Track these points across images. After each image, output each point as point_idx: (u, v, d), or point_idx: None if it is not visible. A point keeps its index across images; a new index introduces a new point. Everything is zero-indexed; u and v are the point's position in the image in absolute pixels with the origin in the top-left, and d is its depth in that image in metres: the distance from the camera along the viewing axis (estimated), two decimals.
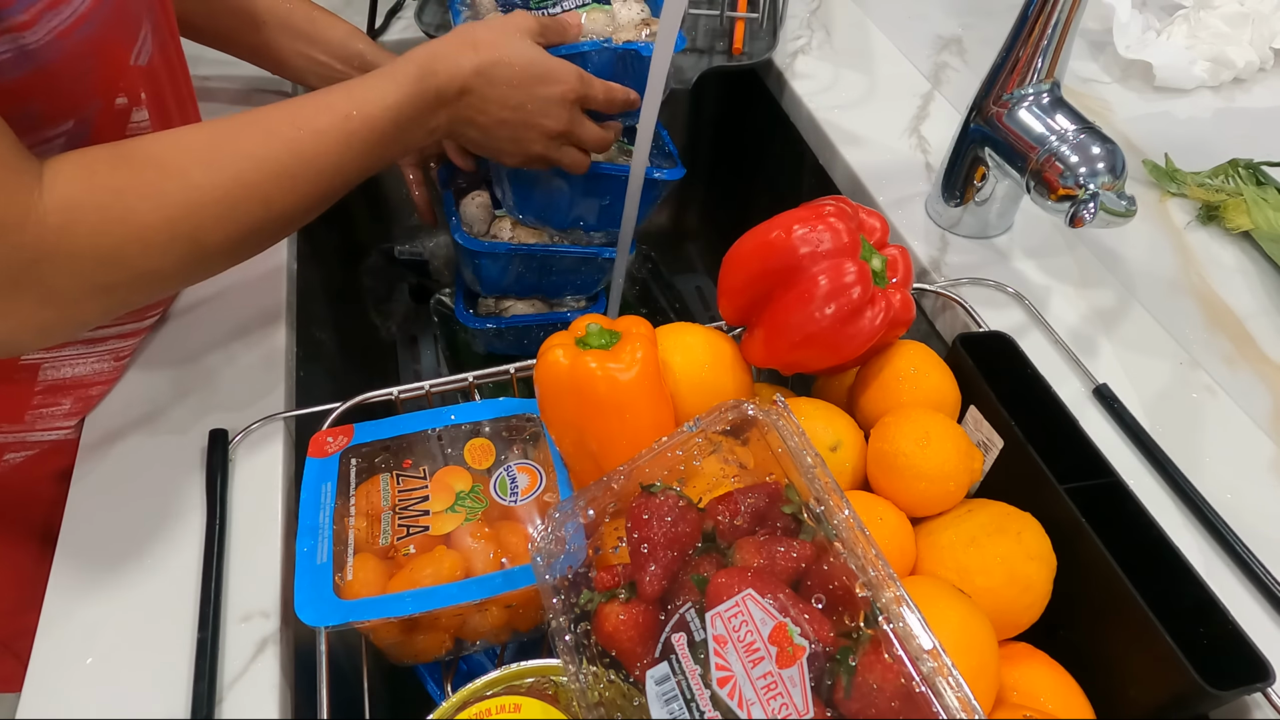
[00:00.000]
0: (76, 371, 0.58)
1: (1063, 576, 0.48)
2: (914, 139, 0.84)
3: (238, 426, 0.58)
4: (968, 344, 0.57)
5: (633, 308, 1.11)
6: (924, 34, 0.99)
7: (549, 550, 0.43)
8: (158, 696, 0.47)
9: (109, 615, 0.50)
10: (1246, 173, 0.78)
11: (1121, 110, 0.89)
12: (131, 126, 0.53)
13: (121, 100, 0.52)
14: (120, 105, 0.52)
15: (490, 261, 0.77)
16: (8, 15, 0.42)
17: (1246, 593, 0.52)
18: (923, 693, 0.34)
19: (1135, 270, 0.72)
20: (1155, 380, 0.63)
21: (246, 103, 0.84)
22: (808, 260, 0.50)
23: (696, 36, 0.95)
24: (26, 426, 0.58)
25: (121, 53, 0.50)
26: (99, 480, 0.56)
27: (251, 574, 0.52)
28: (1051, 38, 0.62)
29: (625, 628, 0.40)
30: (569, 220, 0.77)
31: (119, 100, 0.51)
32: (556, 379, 0.49)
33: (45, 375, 0.57)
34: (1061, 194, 0.61)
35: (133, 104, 0.52)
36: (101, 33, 0.47)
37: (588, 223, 0.78)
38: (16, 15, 0.42)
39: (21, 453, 0.60)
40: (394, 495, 0.53)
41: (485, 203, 0.80)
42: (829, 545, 0.39)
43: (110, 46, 0.49)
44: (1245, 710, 0.47)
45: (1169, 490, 0.56)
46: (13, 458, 0.60)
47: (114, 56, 0.50)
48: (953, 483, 0.51)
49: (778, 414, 0.44)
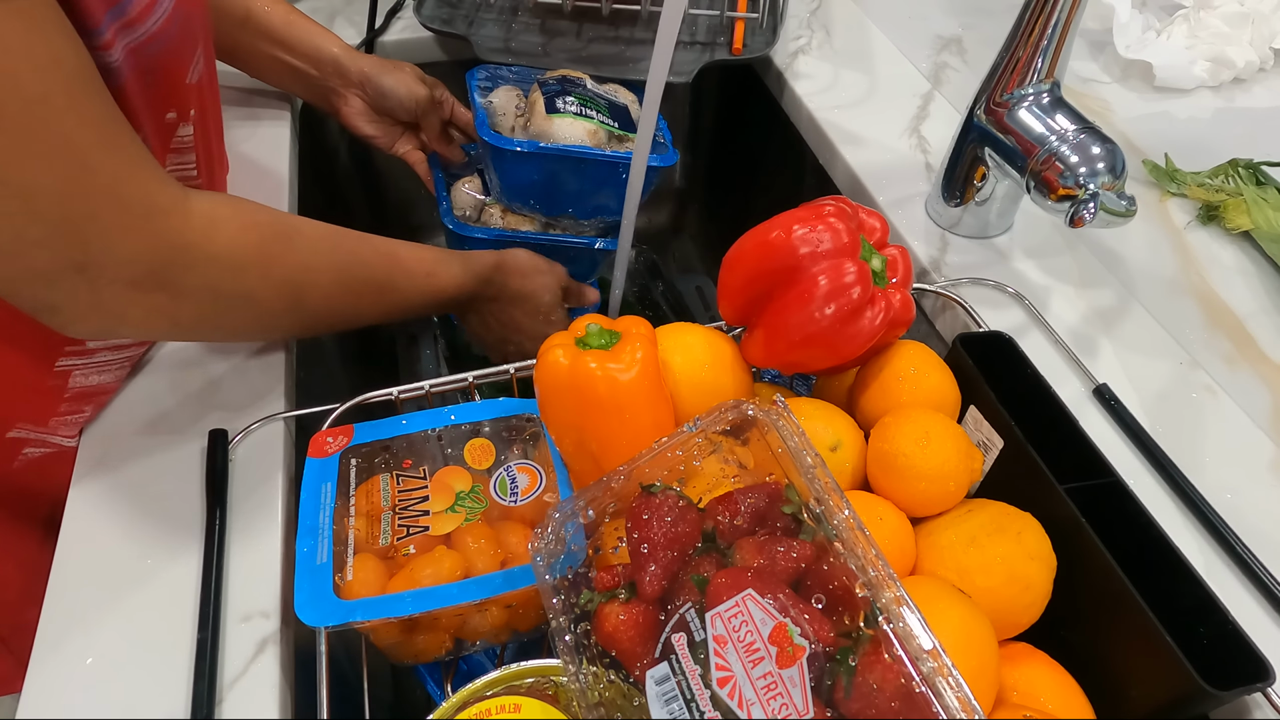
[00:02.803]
0: (102, 379, 0.58)
1: (1063, 576, 0.48)
2: (914, 139, 0.84)
3: (238, 426, 0.58)
4: (968, 344, 0.57)
5: (633, 308, 1.11)
6: (924, 34, 0.99)
7: (549, 550, 0.43)
8: (158, 696, 0.47)
9: (109, 615, 0.50)
10: (1246, 173, 0.78)
11: (1121, 110, 0.89)
12: (175, 141, 0.55)
13: (171, 115, 0.54)
14: (169, 120, 0.54)
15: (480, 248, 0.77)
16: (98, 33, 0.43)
17: (1246, 593, 0.52)
18: (923, 693, 0.34)
19: (1135, 270, 0.72)
20: (1155, 380, 0.63)
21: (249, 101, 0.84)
22: (808, 260, 0.50)
23: (697, 34, 0.95)
24: (49, 430, 0.59)
25: (180, 71, 0.53)
26: (99, 480, 0.56)
27: (251, 574, 0.52)
28: (1051, 38, 0.62)
29: (625, 628, 0.40)
30: (558, 208, 0.78)
31: (169, 115, 0.54)
32: (556, 379, 0.49)
33: (75, 383, 0.57)
34: (1061, 194, 0.61)
35: (180, 119, 0.55)
36: (166, 52, 0.50)
37: (578, 210, 0.78)
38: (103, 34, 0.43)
39: (39, 449, 0.60)
40: (394, 495, 0.53)
41: (477, 188, 0.80)
42: (829, 545, 0.39)
43: (172, 64, 0.52)
44: (1245, 710, 0.47)
45: (1169, 490, 0.56)
46: (31, 452, 0.60)
47: (173, 74, 0.52)
48: (953, 483, 0.51)
49: (778, 414, 0.44)
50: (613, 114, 0.77)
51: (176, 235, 0.47)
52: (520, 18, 0.95)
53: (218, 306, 0.51)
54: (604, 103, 0.78)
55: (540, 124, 0.74)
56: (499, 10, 0.96)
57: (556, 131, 0.74)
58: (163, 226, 0.46)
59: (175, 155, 0.56)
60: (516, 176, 0.75)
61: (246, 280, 0.51)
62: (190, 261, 0.48)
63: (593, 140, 0.74)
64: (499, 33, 0.93)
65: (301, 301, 0.56)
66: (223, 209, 0.50)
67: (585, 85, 0.79)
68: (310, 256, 0.56)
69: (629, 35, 0.94)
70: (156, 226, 0.46)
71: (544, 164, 0.73)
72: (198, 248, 0.48)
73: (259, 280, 0.52)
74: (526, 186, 0.76)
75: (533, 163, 0.73)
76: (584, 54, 0.91)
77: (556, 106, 0.74)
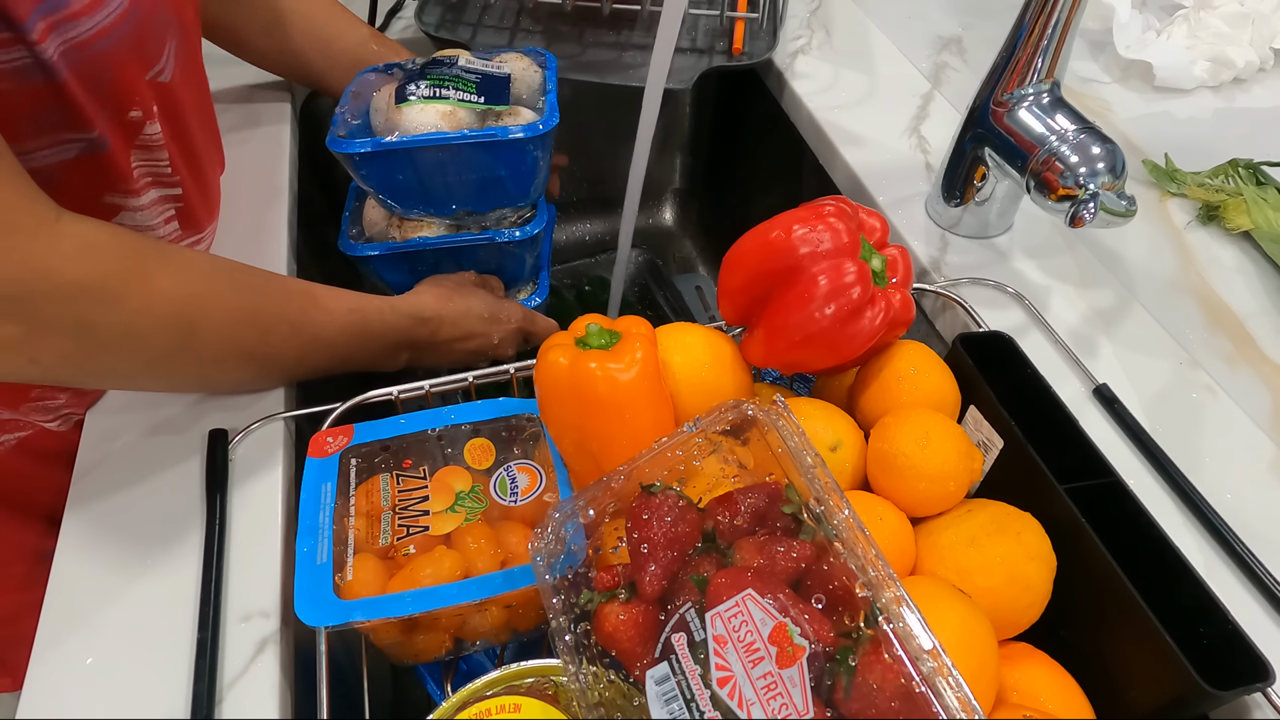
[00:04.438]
0: None
1: (1063, 576, 0.48)
2: (914, 139, 0.83)
3: (238, 426, 0.58)
4: (968, 344, 0.57)
5: (633, 308, 1.11)
6: (924, 34, 0.99)
7: (549, 550, 0.43)
8: (158, 696, 0.47)
9: (109, 615, 0.50)
10: (1246, 173, 0.78)
11: (1121, 110, 0.89)
12: (142, 138, 0.54)
13: (135, 113, 0.53)
14: (134, 118, 0.53)
15: (384, 266, 0.72)
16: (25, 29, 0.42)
17: (1246, 593, 0.52)
18: (923, 693, 0.34)
19: (1135, 270, 0.72)
20: (1155, 380, 0.63)
21: (248, 100, 0.84)
22: (808, 260, 0.50)
23: (697, 36, 0.95)
24: (22, 415, 0.58)
25: (137, 70, 0.51)
26: (99, 480, 0.56)
27: (251, 574, 0.52)
28: (1051, 38, 0.62)
29: (625, 628, 0.40)
30: (445, 206, 0.71)
31: (132, 113, 0.52)
32: (556, 379, 0.49)
33: None
34: (1061, 194, 0.61)
35: (146, 118, 0.54)
36: (118, 49, 0.48)
37: (471, 204, 0.71)
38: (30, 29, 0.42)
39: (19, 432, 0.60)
40: (394, 495, 0.53)
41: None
42: (829, 545, 0.39)
43: (126, 62, 0.50)
44: (1245, 710, 0.47)
45: (1169, 490, 0.56)
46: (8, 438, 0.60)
47: (128, 71, 0.50)
48: (953, 483, 0.51)
49: (778, 414, 0.44)
50: (483, 89, 0.69)
51: (36, 258, 0.42)
52: (522, 23, 0.95)
53: (89, 344, 0.45)
54: (474, 78, 0.69)
55: (392, 117, 0.67)
56: (500, 14, 0.95)
57: (405, 122, 0.66)
58: (19, 246, 0.41)
59: (144, 153, 0.55)
60: (379, 181, 0.68)
61: (122, 312, 0.45)
62: (51, 290, 0.42)
63: (449, 123, 0.66)
64: (500, 40, 0.93)
65: (194, 337, 0.50)
66: (100, 234, 0.45)
67: (456, 63, 0.70)
68: (203, 287, 0.50)
69: (628, 40, 0.94)
70: (12, 245, 0.41)
71: (398, 161, 0.66)
72: (61, 274, 0.42)
73: (139, 313, 0.46)
74: (398, 189, 0.69)
75: (383, 162, 0.65)
76: (583, 59, 0.91)
77: (405, 94, 0.66)
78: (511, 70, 0.73)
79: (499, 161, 0.67)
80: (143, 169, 0.56)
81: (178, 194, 0.59)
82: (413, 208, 0.71)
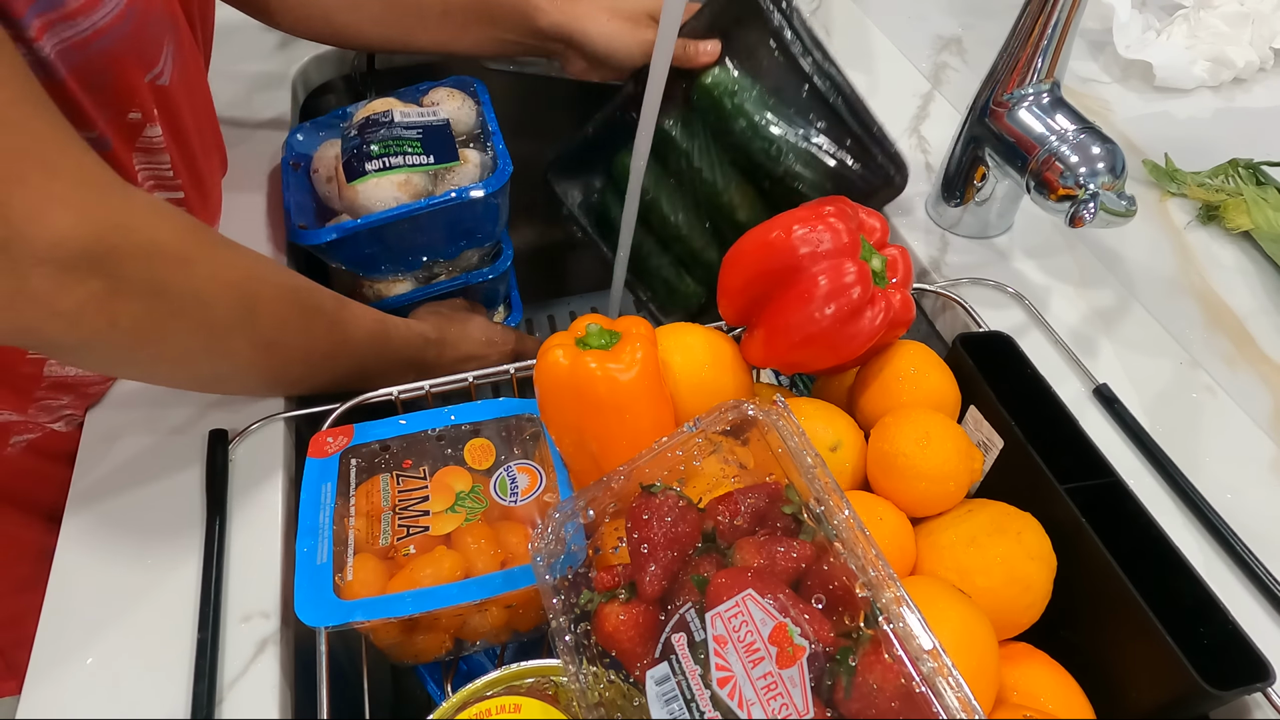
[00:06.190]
0: (80, 371, 0.58)
1: (1063, 576, 0.48)
2: (914, 139, 0.83)
3: (238, 426, 0.58)
4: (968, 344, 0.57)
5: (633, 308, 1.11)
6: (924, 34, 0.99)
7: (549, 550, 0.43)
8: (158, 696, 0.47)
9: (109, 615, 0.50)
10: (1246, 173, 0.78)
11: (1121, 110, 0.89)
12: (142, 141, 0.54)
13: (134, 115, 0.53)
14: (133, 119, 0.53)
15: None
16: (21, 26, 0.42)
17: (1246, 593, 0.52)
18: (923, 693, 0.34)
19: (1135, 270, 0.72)
20: (1155, 380, 0.63)
21: (249, 100, 0.84)
22: (808, 260, 0.50)
23: None
24: (30, 417, 0.59)
25: (136, 71, 0.51)
26: (99, 480, 0.56)
27: (251, 574, 0.52)
28: (1051, 38, 0.62)
29: (625, 628, 0.40)
30: (415, 263, 0.74)
31: (131, 115, 0.53)
32: (556, 379, 0.49)
33: (50, 371, 0.57)
34: (1061, 194, 0.61)
35: (146, 120, 0.54)
36: (116, 50, 0.48)
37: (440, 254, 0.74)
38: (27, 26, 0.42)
39: (25, 435, 0.60)
40: (394, 495, 0.53)
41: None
42: (829, 545, 0.39)
43: (125, 63, 0.50)
44: (1245, 710, 0.47)
45: (1169, 490, 0.56)
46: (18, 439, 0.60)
47: (127, 73, 0.51)
48: (953, 483, 0.51)
49: (778, 414, 0.44)
50: (428, 146, 0.70)
51: (118, 214, 0.41)
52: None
53: (162, 308, 0.45)
54: (416, 134, 0.70)
55: (347, 195, 0.68)
56: None
57: (363, 199, 0.67)
58: (102, 202, 0.41)
59: (145, 155, 0.55)
60: (347, 258, 0.70)
61: (193, 276, 0.46)
62: (132, 247, 0.42)
63: (406, 192, 0.68)
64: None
65: (254, 313, 0.50)
66: (164, 204, 0.46)
67: (392, 120, 0.71)
68: (257, 262, 0.52)
69: None
70: (96, 200, 0.40)
71: (364, 239, 0.68)
72: (140, 231, 0.42)
73: (208, 278, 0.46)
74: (367, 261, 0.71)
75: (350, 244, 0.68)
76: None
77: (357, 170, 0.67)
78: (446, 112, 0.74)
79: (464, 217, 0.69)
80: (146, 171, 0.56)
81: (180, 197, 0.59)
82: (384, 274, 0.75)
